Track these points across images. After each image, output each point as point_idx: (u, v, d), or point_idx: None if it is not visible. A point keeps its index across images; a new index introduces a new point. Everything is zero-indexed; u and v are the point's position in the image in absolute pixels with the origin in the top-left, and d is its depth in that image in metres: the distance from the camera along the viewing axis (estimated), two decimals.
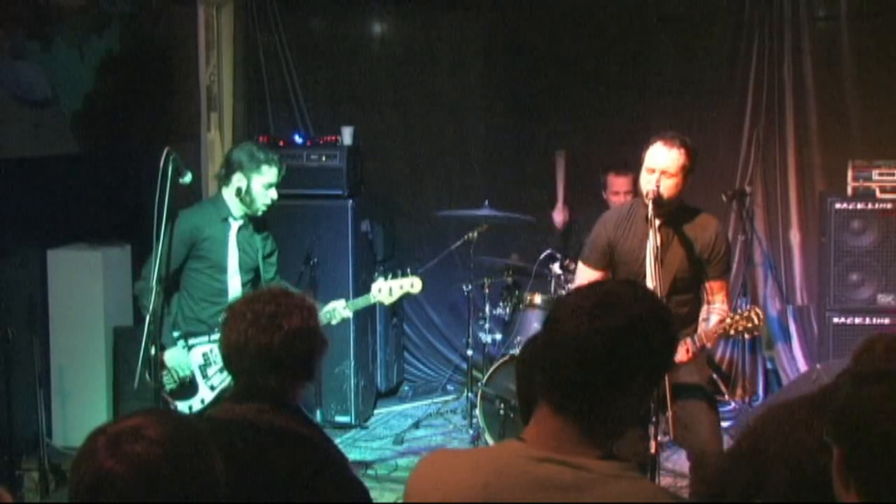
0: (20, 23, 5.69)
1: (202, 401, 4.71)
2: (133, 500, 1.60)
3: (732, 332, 4.12)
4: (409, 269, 5.01)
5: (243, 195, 4.75)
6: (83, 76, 6.21)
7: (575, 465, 1.78)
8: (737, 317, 4.10)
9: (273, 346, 2.57)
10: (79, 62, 6.16)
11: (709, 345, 4.25)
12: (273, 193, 4.79)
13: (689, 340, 4.12)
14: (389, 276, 4.97)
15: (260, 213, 4.82)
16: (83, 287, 6.00)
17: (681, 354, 4.08)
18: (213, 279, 4.76)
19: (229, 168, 4.81)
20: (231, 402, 2.68)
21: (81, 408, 5.96)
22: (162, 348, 4.58)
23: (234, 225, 4.81)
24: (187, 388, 4.72)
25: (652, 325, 1.84)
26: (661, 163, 4.11)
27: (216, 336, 4.65)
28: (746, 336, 4.35)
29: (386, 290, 4.91)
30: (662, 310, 1.91)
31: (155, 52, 6.86)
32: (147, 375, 4.44)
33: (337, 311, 4.81)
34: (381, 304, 5.05)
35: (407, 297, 5.14)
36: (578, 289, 1.96)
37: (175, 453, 1.66)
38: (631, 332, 1.80)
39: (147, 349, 4.39)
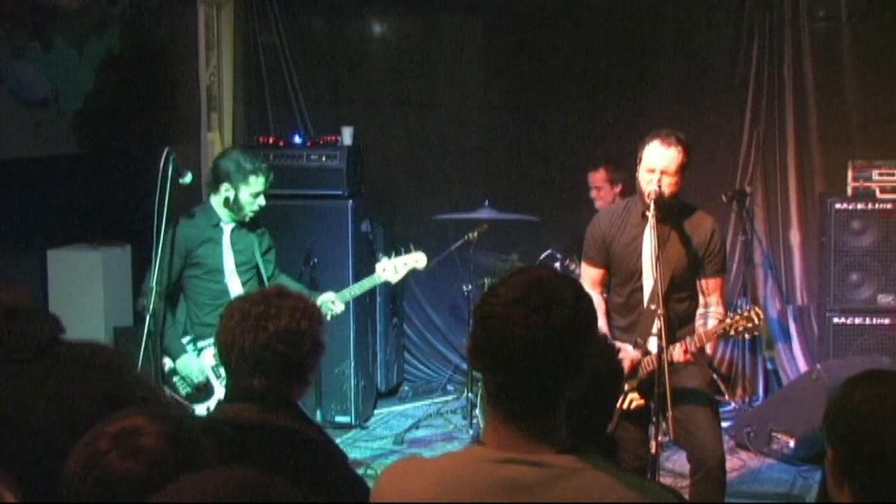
0: (20, 23, 5.68)
1: (219, 400, 4.72)
2: (150, 498, 1.58)
3: (732, 332, 4.07)
4: (411, 246, 5.01)
5: (231, 204, 4.77)
6: (83, 76, 6.20)
7: (536, 462, 1.77)
8: (737, 317, 4.04)
9: (256, 348, 2.51)
10: (79, 62, 6.15)
11: (709, 345, 4.21)
12: (261, 200, 4.80)
13: (686, 340, 4.08)
14: (393, 254, 4.99)
15: (247, 219, 4.83)
16: (83, 287, 5.99)
17: (679, 354, 4.06)
18: (212, 282, 4.78)
19: (217, 177, 4.80)
20: (225, 404, 2.65)
21: None
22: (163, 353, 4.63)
23: (227, 228, 4.82)
24: (203, 390, 4.74)
25: (585, 302, 1.81)
26: (661, 163, 4.10)
27: None
28: (746, 336, 4.31)
29: (391, 268, 4.93)
30: (580, 285, 1.87)
31: (155, 52, 6.85)
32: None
33: (328, 303, 4.80)
34: (388, 283, 5.06)
35: (413, 273, 5.11)
36: (503, 285, 1.82)
37: (177, 448, 1.67)
38: (574, 316, 1.77)
39: (149, 350, 4.44)
